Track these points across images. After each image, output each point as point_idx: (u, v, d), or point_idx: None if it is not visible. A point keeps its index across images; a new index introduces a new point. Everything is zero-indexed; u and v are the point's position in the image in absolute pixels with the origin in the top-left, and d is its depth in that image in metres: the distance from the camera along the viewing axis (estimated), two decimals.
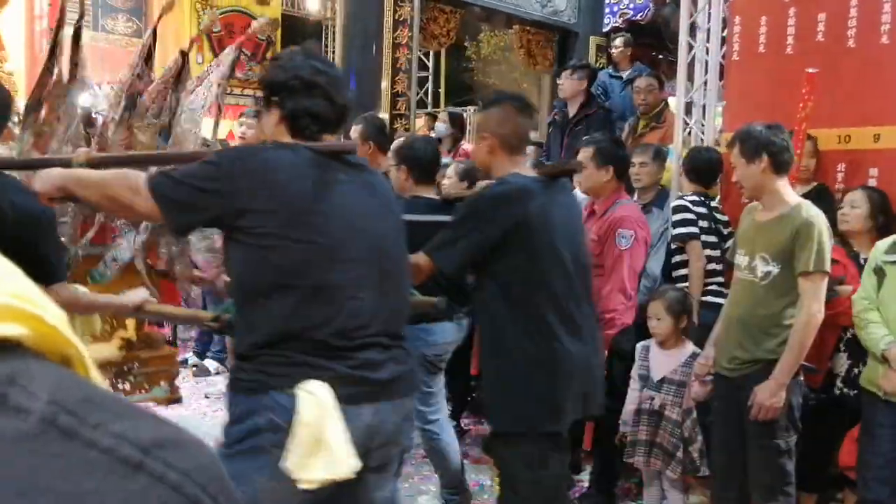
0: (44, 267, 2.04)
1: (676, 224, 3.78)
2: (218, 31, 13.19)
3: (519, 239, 2.39)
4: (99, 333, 3.44)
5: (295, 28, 15.07)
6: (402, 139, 4.44)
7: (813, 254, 2.75)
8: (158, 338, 3.66)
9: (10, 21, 10.49)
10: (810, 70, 3.52)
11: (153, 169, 2.29)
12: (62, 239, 2.65)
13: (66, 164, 2.16)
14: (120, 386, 3.89)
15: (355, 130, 4.29)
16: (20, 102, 3.21)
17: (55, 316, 0.41)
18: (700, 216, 3.78)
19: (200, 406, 5.09)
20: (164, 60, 12.38)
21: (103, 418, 0.39)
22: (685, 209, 3.78)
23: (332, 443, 1.69)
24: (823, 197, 3.55)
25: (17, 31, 10.26)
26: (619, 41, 6.67)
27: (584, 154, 3.68)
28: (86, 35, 11.68)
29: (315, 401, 1.71)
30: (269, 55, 13.64)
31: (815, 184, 3.75)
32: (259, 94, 12.63)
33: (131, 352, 3.45)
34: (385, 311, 1.91)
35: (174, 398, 3.57)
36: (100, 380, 0.44)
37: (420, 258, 2.39)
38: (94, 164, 2.18)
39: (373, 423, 1.84)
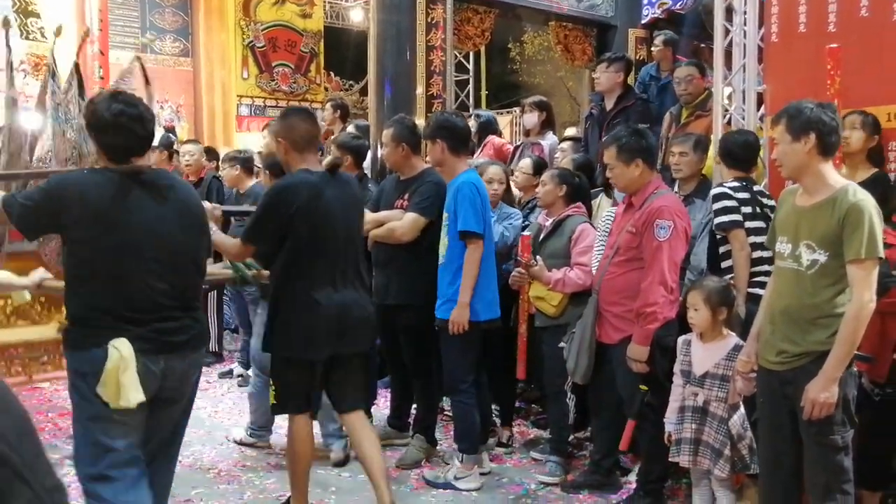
0: None
1: (718, 212, 3.60)
2: (262, 46, 13.42)
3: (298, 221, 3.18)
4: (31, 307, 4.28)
5: (339, 39, 15.23)
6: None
7: (864, 239, 2.58)
8: None
9: (62, 45, 10.82)
10: (832, 46, 3.38)
11: None
12: None
13: None
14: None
15: (387, 134, 4.28)
16: None
17: None
18: (742, 202, 3.58)
19: (245, 414, 5.10)
20: (211, 75, 12.60)
21: None
22: (726, 196, 3.59)
23: (126, 384, 2.45)
24: (879, 184, 3.38)
25: (70, 55, 10.59)
26: (658, 40, 6.52)
27: (609, 155, 3.59)
28: (133, 56, 11.97)
29: (118, 353, 2.44)
30: (312, 68, 13.84)
31: (874, 171, 3.57)
32: (304, 104, 12.62)
33: None
34: (178, 292, 2.63)
35: None
36: None
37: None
38: None
39: (165, 369, 2.59)
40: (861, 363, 2.86)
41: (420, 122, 6.21)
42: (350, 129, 6.33)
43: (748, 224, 3.57)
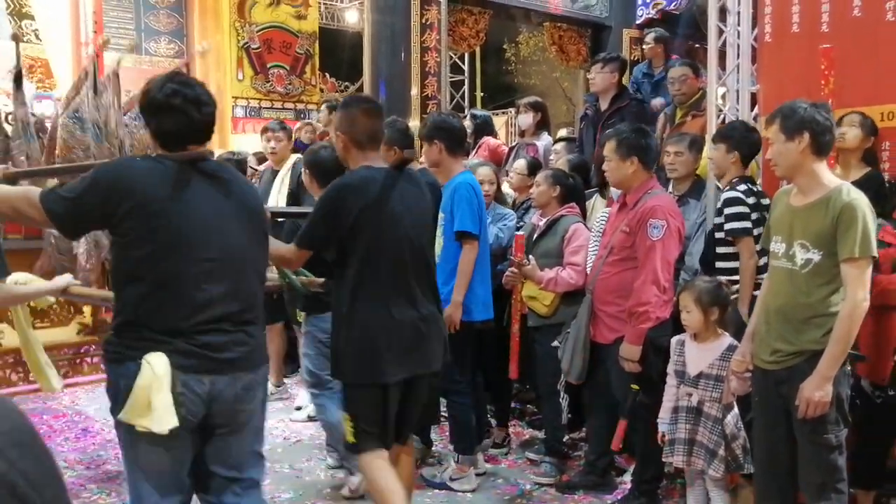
0: None
1: (731, 218, 3.54)
2: (257, 47, 13.41)
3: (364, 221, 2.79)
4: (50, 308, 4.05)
5: (334, 40, 15.22)
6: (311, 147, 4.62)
7: (858, 238, 2.59)
8: None
9: (57, 48, 10.81)
10: (825, 46, 3.41)
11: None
12: None
13: None
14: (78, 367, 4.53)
15: None
16: None
17: None
18: (752, 208, 3.56)
19: None
20: (206, 77, 12.51)
21: None
22: (739, 202, 3.53)
23: (157, 406, 2.11)
24: (873, 183, 3.38)
25: (64, 58, 10.57)
26: (650, 37, 6.53)
27: (608, 148, 3.60)
28: (129, 58, 11.96)
29: (151, 369, 2.11)
30: (307, 69, 13.84)
31: (867, 170, 3.57)
32: (299, 106, 12.41)
33: (89, 336, 3.65)
34: (232, 301, 2.27)
35: None
36: None
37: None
38: (9, 178, 2.74)
39: (211, 391, 2.23)
40: (860, 363, 2.86)
41: (415, 123, 6.21)
42: None
43: (755, 232, 3.54)
